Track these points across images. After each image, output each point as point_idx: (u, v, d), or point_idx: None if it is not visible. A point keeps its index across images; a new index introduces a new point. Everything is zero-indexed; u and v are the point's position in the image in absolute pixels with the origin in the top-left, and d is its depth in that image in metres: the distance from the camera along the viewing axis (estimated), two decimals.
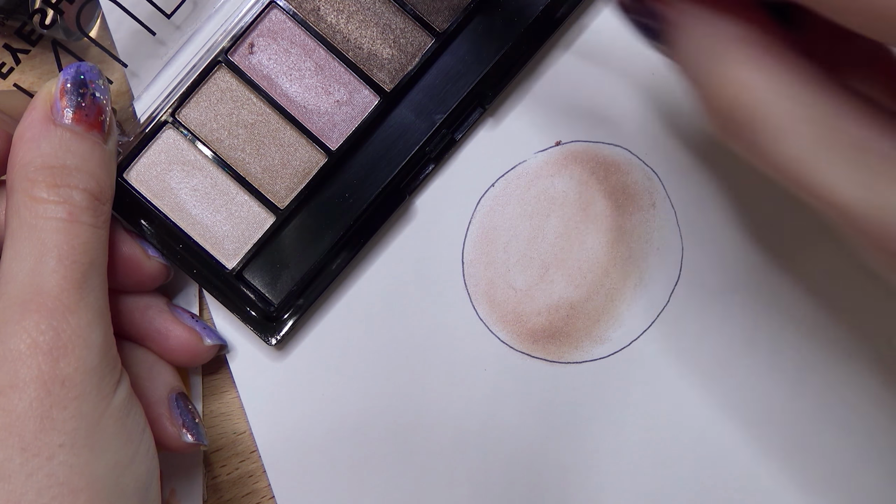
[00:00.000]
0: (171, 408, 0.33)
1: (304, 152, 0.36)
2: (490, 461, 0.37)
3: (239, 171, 0.36)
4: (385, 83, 0.36)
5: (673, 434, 0.37)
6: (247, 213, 0.36)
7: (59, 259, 0.28)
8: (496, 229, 0.38)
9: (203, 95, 0.36)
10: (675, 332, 0.37)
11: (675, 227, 0.37)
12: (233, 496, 0.38)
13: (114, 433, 0.28)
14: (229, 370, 0.38)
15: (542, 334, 0.37)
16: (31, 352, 0.27)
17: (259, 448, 0.38)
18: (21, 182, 0.29)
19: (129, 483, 0.28)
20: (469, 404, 0.37)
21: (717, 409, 0.37)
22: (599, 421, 0.37)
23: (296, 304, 0.36)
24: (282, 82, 0.36)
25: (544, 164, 0.38)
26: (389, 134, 0.37)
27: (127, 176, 0.36)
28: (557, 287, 0.37)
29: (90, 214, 0.29)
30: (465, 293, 0.38)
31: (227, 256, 0.36)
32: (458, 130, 0.37)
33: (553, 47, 0.37)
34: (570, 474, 0.37)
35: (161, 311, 0.35)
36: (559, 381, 0.37)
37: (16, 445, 0.26)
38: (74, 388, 0.27)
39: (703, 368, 0.37)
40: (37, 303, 0.27)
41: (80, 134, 0.30)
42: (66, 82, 0.30)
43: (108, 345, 0.29)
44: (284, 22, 0.36)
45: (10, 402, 0.27)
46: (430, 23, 0.36)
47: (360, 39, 0.36)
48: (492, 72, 0.36)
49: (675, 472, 0.37)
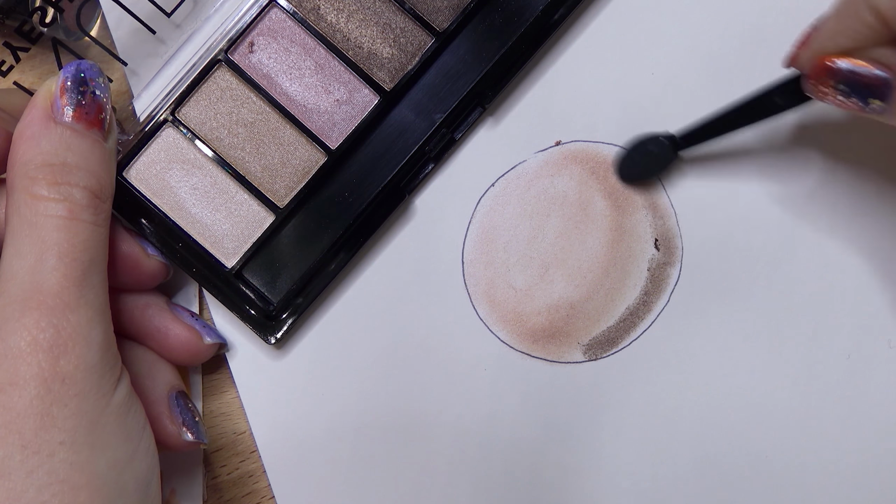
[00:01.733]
0: (171, 406, 0.33)
1: (303, 151, 0.36)
2: (490, 461, 0.37)
3: (238, 170, 0.36)
4: (385, 82, 0.36)
5: (673, 434, 0.37)
6: (246, 212, 0.36)
7: (59, 257, 0.28)
8: (496, 229, 0.38)
9: (203, 94, 0.36)
10: (675, 331, 0.37)
11: (676, 227, 0.37)
12: (233, 496, 0.38)
13: (114, 431, 0.28)
14: (229, 369, 0.37)
15: (542, 334, 0.37)
16: (31, 349, 0.27)
17: (259, 448, 0.37)
18: (21, 180, 0.29)
19: (129, 480, 0.28)
20: (469, 404, 0.37)
21: (717, 409, 0.37)
22: (599, 421, 0.37)
23: (295, 303, 0.36)
24: (282, 81, 0.36)
25: (544, 164, 0.38)
26: (389, 133, 0.37)
27: (127, 174, 0.36)
28: (557, 287, 0.37)
29: (90, 212, 0.29)
30: (465, 293, 0.38)
31: (227, 255, 0.36)
32: (457, 130, 0.37)
33: (553, 47, 0.38)
34: (569, 474, 0.37)
35: (161, 310, 0.35)
36: (559, 381, 0.37)
37: (16, 443, 0.26)
38: (75, 385, 0.27)
39: (702, 368, 0.37)
40: (37, 300, 0.27)
41: (80, 132, 0.30)
42: (67, 80, 0.30)
43: (109, 342, 0.29)
44: (284, 21, 0.36)
45: (11, 399, 0.27)
46: (430, 22, 0.36)
47: (360, 38, 0.36)
48: (492, 71, 0.36)
49: (675, 471, 0.37)
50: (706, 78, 0.37)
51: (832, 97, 0.29)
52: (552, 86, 0.38)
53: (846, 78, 0.28)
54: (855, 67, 0.28)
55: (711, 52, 0.37)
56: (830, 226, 0.37)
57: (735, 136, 0.35)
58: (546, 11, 0.36)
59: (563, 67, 0.38)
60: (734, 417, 0.37)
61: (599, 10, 0.37)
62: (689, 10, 0.37)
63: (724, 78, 0.37)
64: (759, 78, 0.36)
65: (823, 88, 0.29)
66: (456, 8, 0.36)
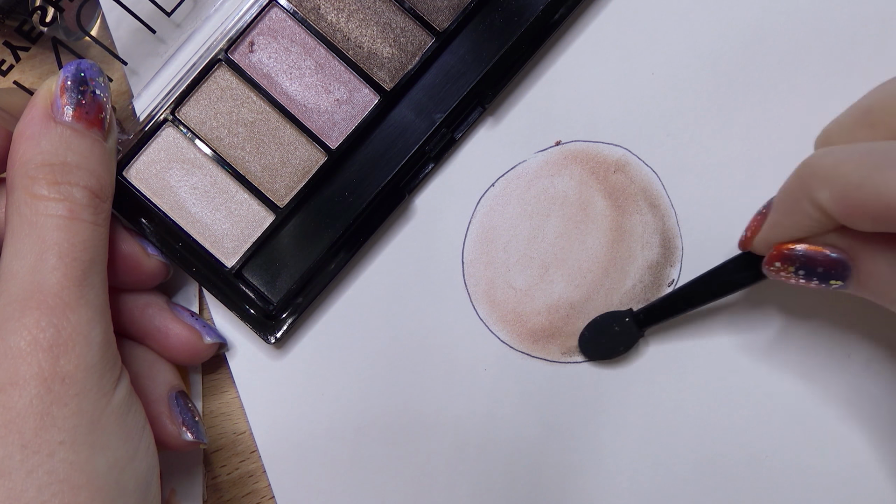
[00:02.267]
0: (171, 406, 0.33)
1: (303, 151, 0.36)
2: (490, 461, 0.37)
3: (238, 170, 0.36)
4: (385, 82, 0.36)
5: (672, 434, 0.37)
6: (246, 212, 0.36)
7: (59, 256, 0.28)
8: (496, 229, 0.38)
9: (203, 94, 0.36)
10: (675, 332, 0.37)
11: (676, 227, 0.37)
12: (233, 496, 0.38)
13: (114, 430, 0.28)
14: (228, 369, 0.37)
15: (542, 334, 0.37)
16: (31, 349, 0.27)
17: (259, 448, 0.37)
18: (21, 179, 0.29)
19: (129, 480, 0.28)
20: (469, 404, 0.37)
21: (717, 409, 0.37)
22: (599, 421, 0.37)
23: (295, 303, 0.36)
24: (282, 81, 0.36)
25: (544, 164, 0.38)
26: (389, 133, 0.37)
27: (126, 174, 0.36)
28: (557, 287, 0.37)
29: (91, 212, 0.29)
30: (465, 293, 0.38)
31: (227, 255, 0.36)
32: (457, 130, 0.37)
33: (553, 47, 0.38)
34: (569, 474, 0.37)
35: (161, 310, 0.35)
36: (559, 381, 0.37)
37: (16, 442, 0.26)
38: (75, 385, 0.27)
39: (702, 368, 0.37)
40: (37, 300, 0.27)
41: (80, 131, 0.30)
42: (67, 80, 0.30)
43: (109, 342, 0.29)
44: (285, 20, 0.36)
45: (11, 398, 0.27)
46: (430, 22, 0.36)
47: (360, 38, 0.36)
48: (492, 71, 0.36)
49: (675, 471, 0.37)
50: (706, 78, 0.37)
51: (793, 280, 0.30)
52: (552, 86, 0.38)
53: (803, 263, 0.29)
54: (809, 253, 0.29)
55: (711, 52, 0.37)
56: None
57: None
58: (546, 11, 0.36)
59: (563, 67, 0.38)
60: (733, 418, 0.37)
61: (599, 10, 0.37)
62: (689, 10, 0.37)
63: (724, 78, 0.37)
64: (759, 78, 0.36)
65: (783, 273, 0.30)
66: (456, 7, 0.36)
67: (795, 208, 0.28)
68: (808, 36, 0.37)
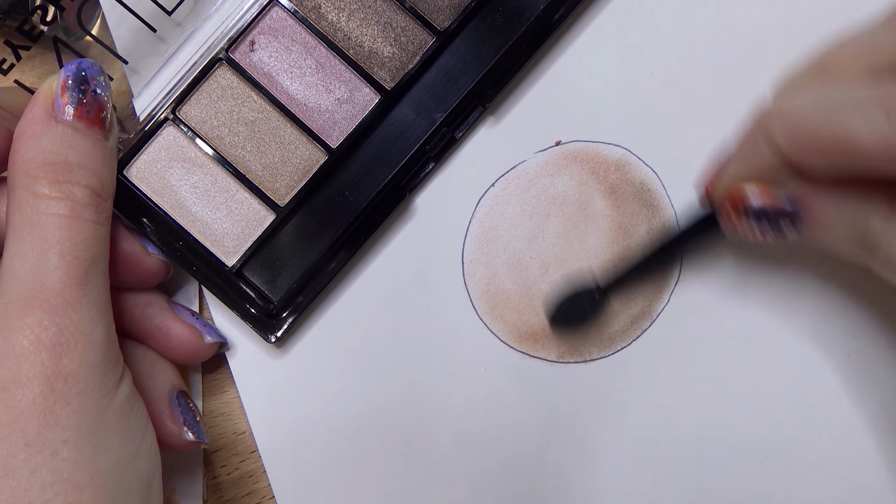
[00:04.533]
0: (172, 406, 0.33)
1: (304, 150, 0.36)
2: (490, 460, 0.37)
3: (239, 169, 0.36)
4: (386, 81, 0.36)
5: (672, 434, 0.37)
6: (247, 211, 0.36)
7: (61, 255, 0.28)
8: (496, 229, 0.38)
9: (203, 93, 0.36)
10: (674, 332, 0.37)
11: (675, 227, 0.37)
12: (233, 496, 0.38)
13: (117, 429, 0.28)
14: (229, 368, 0.37)
15: (542, 334, 0.37)
16: (34, 348, 0.27)
17: (259, 448, 0.37)
18: (22, 178, 0.29)
19: (131, 479, 0.28)
20: (469, 404, 0.37)
21: (717, 409, 0.37)
22: (599, 421, 0.37)
23: (295, 302, 0.36)
24: (282, 80, 0.36)
25: (544, 164, 0.38)
26: (390, 132, 0.37)
27: (127, 173, 0.36)
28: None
29: (92, 211, 0.29)
30: (465, 293, 0.38)
31: (227, 254, 0.36)
32: (458, 129, 0.37)
33: (553, 47, 0.38)
34: (569, 474, 0.37)
35: (161, 309, 0.35)
36: (559, 381, 0.37)
37: (19, 441, 0.26)
38: (77, 384, 0.27)
39: (702, 368, 0.37)
40: (39, 299, 0.27)
41: (81, 130, 0.30)
42: (68, 79, 0.30)
43: (111, 341, 0.29)
44: (285, 20, 0.36)
45: (14, 398, 0.27)
46: (430, 21, 0.36)
47: (360, 37, 0.36)
48: (492, 71, 0.36)
49: (675, 472, 0.37)
50: (706, 78, 0.37)
51: (747, 228, 0.30)
52: (552, 85, 0.38)
53: (755, 208, 0.29)
54: (760, 192, 0.29)
55: (711, 52, 0.37)
56: None
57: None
58: (547, 11, 0.36)
59: (563, 67, 0.38)
60: (734, 417, 0.37)
61: (599, 10, 0.38)
62: (689, 10, 0.37)
63: (724, 78, 0.37)
64: (759, 78, 0.36)
65: (739, 225, 0.30)
66: (457, 7, 0.36)
67: (753, 150, 0.29)
68: (807, 36, 0.37)
